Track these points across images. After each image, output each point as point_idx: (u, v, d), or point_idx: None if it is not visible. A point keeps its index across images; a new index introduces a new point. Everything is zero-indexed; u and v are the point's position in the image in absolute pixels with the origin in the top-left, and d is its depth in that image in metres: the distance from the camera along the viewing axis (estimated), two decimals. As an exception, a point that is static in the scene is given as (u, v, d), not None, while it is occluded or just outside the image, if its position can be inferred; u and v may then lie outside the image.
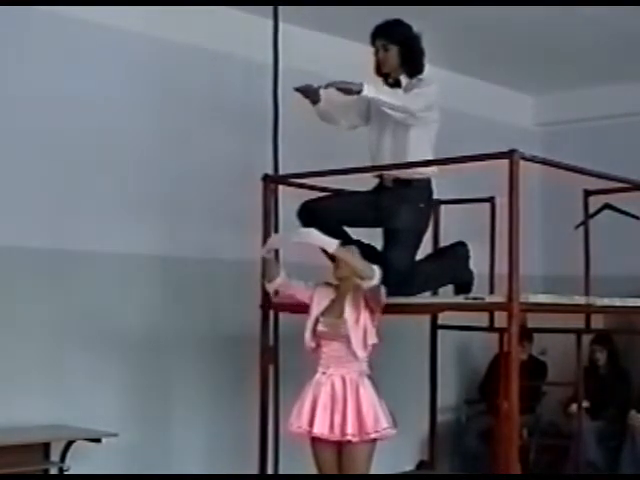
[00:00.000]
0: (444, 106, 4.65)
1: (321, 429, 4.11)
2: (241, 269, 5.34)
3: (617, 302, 4.84)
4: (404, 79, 4.61)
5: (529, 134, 7.86)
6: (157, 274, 5.50)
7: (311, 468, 4.31)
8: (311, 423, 4.13)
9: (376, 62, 4.67)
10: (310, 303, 4.30)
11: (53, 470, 4.86)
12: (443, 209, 5.46)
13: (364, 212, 4.64)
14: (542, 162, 4.38)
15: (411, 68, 4.62)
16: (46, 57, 5.04)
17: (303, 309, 4.33)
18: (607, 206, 5.72)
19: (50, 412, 4.93)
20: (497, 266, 5.18)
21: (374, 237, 4.61)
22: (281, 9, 5.29)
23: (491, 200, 5.32)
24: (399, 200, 4.54)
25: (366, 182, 4.74)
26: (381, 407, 4.14)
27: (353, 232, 4.63)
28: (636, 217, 5.87)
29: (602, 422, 6.89)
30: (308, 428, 4.14)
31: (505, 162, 3.96)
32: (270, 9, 5.30)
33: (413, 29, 4.62)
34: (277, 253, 4.56)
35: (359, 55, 4.86)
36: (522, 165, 3.96)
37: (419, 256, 4.69)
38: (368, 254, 4.29)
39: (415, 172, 4.53)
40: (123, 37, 5.32)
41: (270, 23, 5.29)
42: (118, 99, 5.32)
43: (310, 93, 4.66)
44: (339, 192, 4.89)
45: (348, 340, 4.12)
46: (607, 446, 6.86)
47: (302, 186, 4.94)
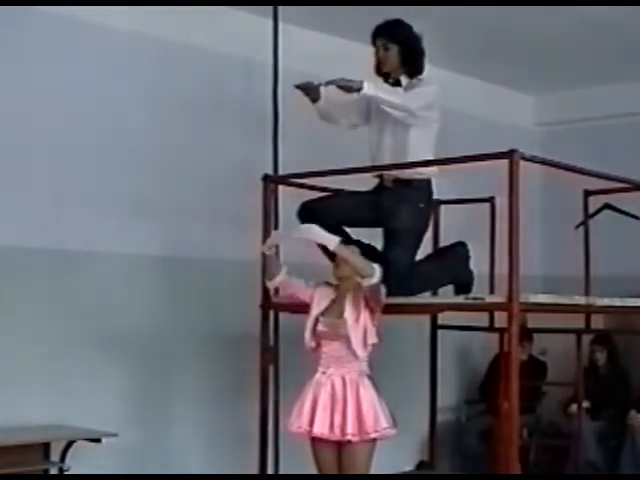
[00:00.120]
0: (444, 106, 4.64)
1: (321, 429, 4.11)
2: (241, 269, 5.33)
3: (617, 302, 4.83)
4: (404, 79, 4.60)
5: (529, 134, 7.86)
6: (157, 274, 5.50)
7: (311, 468, 4.31)
8: (311, 423, 4.13)
9: (376, 62, 4.66)
10: (310, 302, 4.30)
11: (53, 470, 4.86)
12: (443, 209, 5.46)
13: (364, 212, 4.64)
14: (542, 162, 4.38)
15: (411, 68, 4.61)
16: (46, 57, 5.04)
17: (303, 309, 4.33)
18: (607, 206, 5.71)
19: (50, 412, 4.93)
20: (497, 266, 5.18)
21: (374, 237, 4.61)
22: (281, 9, 5.30)
23: (491, 200, 5.32)
24: (399, 200, 4.54)
25: (366, 182, 4.73)
26: (381, 407, 4.14)
27: (353, 232, 4.63)
28: (636, 217, 5.86)
29: (602, 422, 6.89)
30: (308, 428, 4.14)
31: (505, 162, 3.95)
32: (270, 9, 5.31)
33: (414, 29, 4.62)
34: (277, 251, 4.56)
35: (359, 55, 4.86)
36: (522, 165, 3.96)
37: (419, 256, 4.69)
38: (368, 254, 4.28)
39: (415, 172, 4.53)
40: (123, 37, 5.31)
41: (270, 23, 5.31)
42: (118, 99, 5.32)
43: (310, 91, 4.65)
44: (339, 192, 4.89)
45: (348, 340, 4.12)
46: (607, 446, 6.86)
47: (302, 186, 4.94)
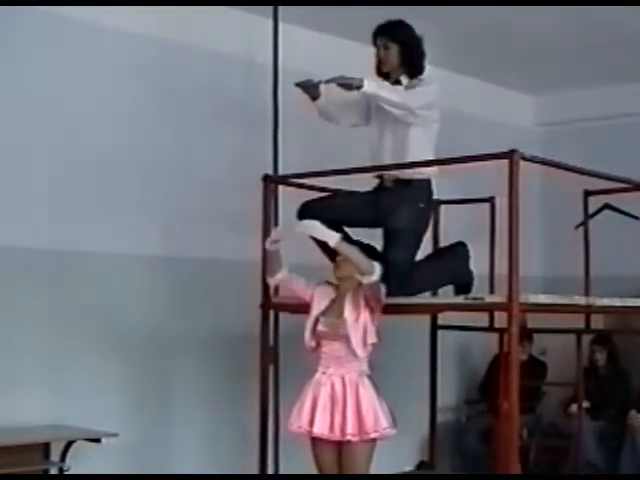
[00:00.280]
0: (444, 106, 4.64)
1: (321, 429, 4.11)
2: (241, 269, 5.33)
3: (617, 302, 4.83)
4: (404, 79, 4.60)
5: (529, 134, 7.85)
6: (157, 274, 5.50)
7: (311, 468, 4.31)
8: (311, 423, 4.13)
9: (377, 61, 4.66)
10: (310, 302, 4.30)
11: (53, 470, 4.86)
12: (443, 209, 5.46)
13: (364, 212, 4.64)
14: (542, 162, 4.37)
15: (411, 68, 4.60)
16: (46, 57, 5.04)
17: (303, 309, 4.33)
18: (607, 206, 5.71)
19: (50, 412, 4.93)
20: (497, 266, 5.18)
21: (374, 237, 4.61)
22: (281, 9, 5.31)
23: (491, 200, 5.32)
24: (399, 200, 4.53)
25: (366, 182, 4.73)
26: (381, 407, 4.14)
27: (353, 232, 4.62)
28: (636, 217, 5.86)
29: (602, 422, 6.89)
30: (308, 428, 4.14)
31: (505, 162, 3.95)
32: (270, 9, 5.31)
33: (415, 30, 4.62)
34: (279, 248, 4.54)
35: (359, 55, 4.85)
36: (522, 165, 3.95)
37: (419, 256, 4.69)
38: (368, 254, 4.27)
39: (415, 172, 4.52)
40: (123, 37, 5.31)
41: (270, 23, 5.31)
42: (118, 99, 5.31)
43: (310, 88, 4.63)
44: (339, 192, 4.88)
45: (348, 340, 4.12)
46: (607, 446, 6.86)
47: (302, 186, 4.94)
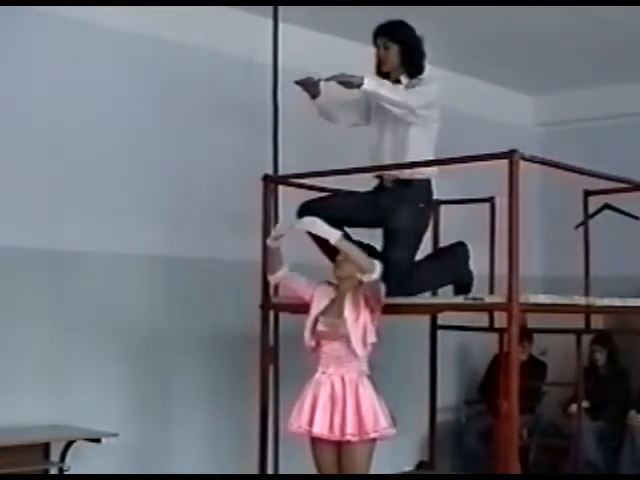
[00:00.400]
0: (444, 106, 4.64)
1: (321, 429, 4.11)
2: (241, 269, 5.34)
3: (617, 302, 4.82)
4: (404, 79, 4.59)
5: (529, 134, 7.85)
6: (157, 274, 5.50)
7: (311, 468, 4.30)
8: (311, 423, 4.13)
9: (377, 61, 4.66)
10: (310, 301, 4.30)
11: (53, 470, 4.86)
12: (443, 209, 5.46)
13: (364, 212, 4.63)
14: (542, 162, 4.37)
15: (411, 68, 4.60)
16: (46, 58, 5.04)
17: (303, 309, 4.32)
18: (607, 206, 5.71)
19: (50, 412, 4.93)
20: (497, 266, 5.17)
21: (374, 237, 4.61)
22: (281, 9, 5.30)
23: (491, 200, 5.32)
24: (399, 200, 4.53)
25: (366, 182, 4.73)
26: (381, 407, 4.14)
27: (353, 232, 4.62)
28: (636, 217, 5.86)
29: (602, 422, 6.89)
30: (308, 428, 4.14)
31: (505, 162, 3.95)
32: (270, 9, 5.31)
33: (415, 31, 4.62)
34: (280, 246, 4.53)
35: (359, 55, 4.85)
36: (522, 165, 3.95)
37: (419, 256, 4.69)
38: (368, 254, 4.27)
39: (415, 172, 4.52)
40: (123, 37, 5.31)
41: (270, 23, 5.31)
42: (118, 99, 5.31)
43: (310, 86, 4.62)
44: (339, 192, 4.88)
45: (348, 340, 4.12)
46: (607, 446, 6.85)
47: (302, 186, 4.94)
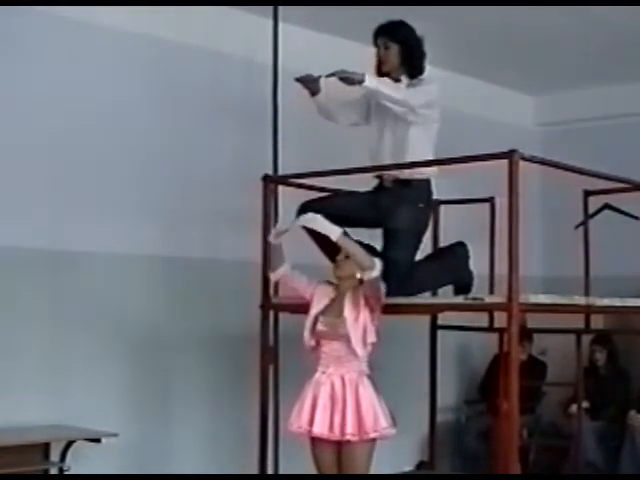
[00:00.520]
0: (444, 106, 4.64)
1: (321, 429, 4.10)
2: (241, 269, 5.34)
3: (617, 302, 4.82)
4: (404, 79, 4.59)
5: (529, 134, 7.85)
6: (157, 274, 5.50)
7: (311, 468, 4.30)
8: (311, 423, 4.13)
9: (377, 61, 4.65)
10: (310, 300, 4.30)
11: (53, 470, 4.86)
12: (443, 209, 5.46)
13: (364, 212, 4.63)
14: (542, 162, 4.37)
15: (411, 69, 4.60)
16: (46, 58, 5.04)
17: (303, 309, 4.32)
18: (607, 206, 5.71)
19: (50, 412, 4.93)
20: (497, 266, 5.17)
21: (374, 237, 4.61)
22: (281, 9, 5.30)
23: (491, 200, 5.32)
24: (399, 200, 4.53)
25: (366, 182, 4.73)
26: (380, 407, 4.13)
27: (353, 232, 4.62)
28: (636, 217, 5.86)
29: (602, 422, 6.89)
30: (308, 428, 4.14)
31: (505, 162, 3.95)
32: (270, 9, 5.31)
33: (415, 31, 4.61)
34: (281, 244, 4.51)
35: (359, 55, 4.85)
36: (522, 165, 3.95)
37: (419, 256, 4.69)
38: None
39: (415, 172, 4.52)
40: (123, 37, 5.31)
41: (270, 23, 5.31)
42: (118, 99, 5.31)
43: (310, 83, 4.62)
44: (339, 192, 4.88)
45: (348, 339, 4.11)
46: (607, 446, 6.86)
47: (302, 186, 4.94)
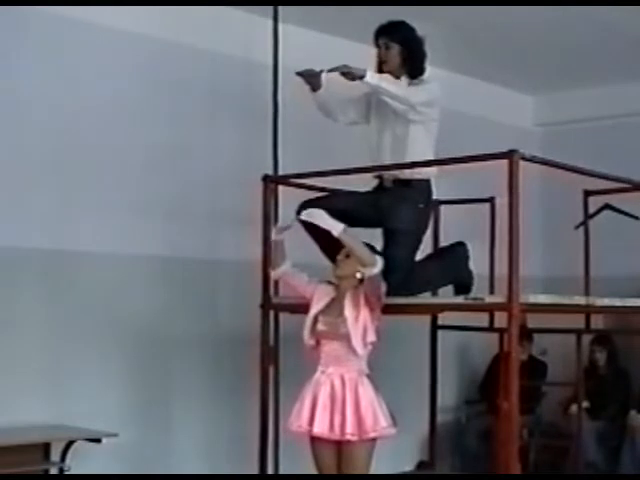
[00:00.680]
0: (444, 106, 4.64)
1: (321, 429, 4.10)
2: (241, 269, 5.34)
3: (617, 302, 4.83)
4: (405, 80, 4.60)
5: (529, 134, 7.86)
6: (157, 274, 5.50)
7: (311, 468, 4.30)
8: (311, 422, 4.13)
9: (378, 62, 4.66)
10: (310, 299, 4.30)
11: (53, 470, 4.86)
12: (443, 209, 5.46)
13: (364, 212, 4.63)
14: (542, 162, 4.37)
15: (412, 69, 4.59)
16: (46, 57, 5.04)
17: (303, 309, 4.32)
18: (607, 206, 5.71)
19: (50, 412, 4.93)
20: (497, 266, 5.18)
21: (374, 237, 4.61)
22: (281, 9, 5.31)
23: (491, 200, 5.32)
24: (399, 200, 4.53)
25: (366, 182, 4.73)
26: (380, 406, 4.13)
27: (353, 232, 4.62)
28: (636, 217, 5.86)
29: (602, 422, 6.89)
30: (308, 427, 4.14)
31: (505, 162, 3.95)
32: (270, 9, 5.32)
33: (416, 31, 4.62)
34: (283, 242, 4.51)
35: (359, 55, 4.85)
36: (522, 165, 3.95)
37: (419, 256, 4.69)
38: (368, 253, 4.28)
39: (415, 172, 4.53)
40: (123, 37, 5.31)
41: (270, 23, 5.31)
42: (117, 99, 5.31)
43: (311, 78, 4.60)
44: (338, 192, 4.88)
45: (348, 339, 4.11)
46: (607, 446, 6.86)
47: (302, 186, 4.94)
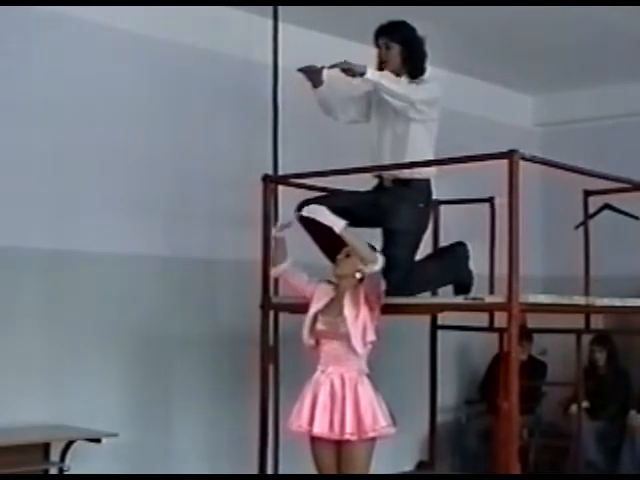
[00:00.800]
0: (444, 106, 4.64)
1: (321, 428, 4.10)
2: (241, 269, 5.34)
3: (617, 302, 4.83)
4: (405, 80, 4.60)
5: (529, 134, 7.86)
6: (157, 274, 5.50)
7: (311, 468, 4.30)
8: (311, 422, 4.13)
9: (378, 62, 4.66)
10: (310, 299, 4.30)
11: (53, 470, 4.86)
12: (443, 209, 5.46)
13: (364, 212, 4.63)
14: (542, 162, 4.37)
15: (412, 69, 4.59)
16: (46, 58, 5.04)
17: (303, 309, 4.32)
18: (607, 206, 5.71)
19: (50, 412, 4.93)
20: (497, 266, 5.18)
21: (374, 237, 4.61)
22: (281, 9, 5.31)
23: (491, 200, 5.32)
24: (398, 200, 4.53)
25: (366, 182, 4.73)
26: (379, 406, 4.13)
27: (354, 232, 4.62)
28: (636, 217, 5.86)
29: (602, 422, 6.90)
30: (308, 427, 4.14)
31: (505, 162, 3.95)
32: (270, 9, 5.31)
33: (417, 32, 4.62)
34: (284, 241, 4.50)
35: (359, 55, 4.84)
36: (522, 165, 3.95)
37: (419, 256, 4.69)
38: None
39: (415, 172, 4.53)
40: (123, 38, 5.31)
41: (270, 23, 5.31)
42: (117, 99, 5.31)
43: (313, 74, 4.60)
44: (338, 192, 4.88)
45: (347, 338, 4.11)
46: (607, 446, 6.86)
47: (302, 186, 4.94)
